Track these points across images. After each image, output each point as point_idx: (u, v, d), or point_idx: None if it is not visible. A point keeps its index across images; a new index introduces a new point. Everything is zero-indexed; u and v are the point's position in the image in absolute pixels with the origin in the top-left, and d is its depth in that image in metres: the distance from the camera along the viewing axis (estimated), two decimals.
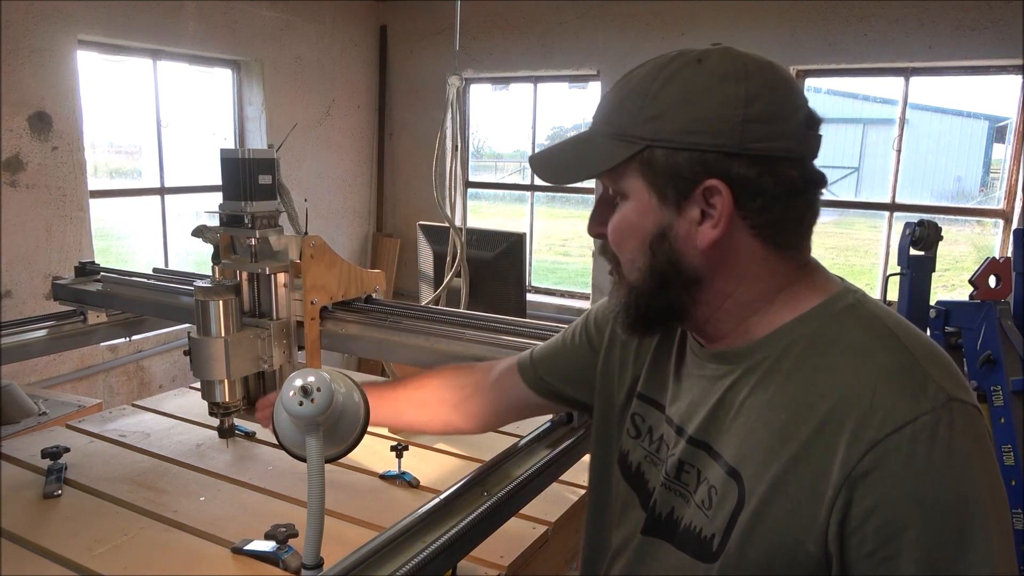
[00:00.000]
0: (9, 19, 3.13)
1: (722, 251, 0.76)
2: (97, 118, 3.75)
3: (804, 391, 0.72)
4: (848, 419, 0.68)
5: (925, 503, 0.64)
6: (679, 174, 0.74)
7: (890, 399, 0.67)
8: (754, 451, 0.74)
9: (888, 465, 0.65)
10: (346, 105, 4.98)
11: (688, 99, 0.74)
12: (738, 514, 0.74)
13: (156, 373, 3.94)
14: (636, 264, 0.79)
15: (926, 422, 0.65)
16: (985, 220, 4.02)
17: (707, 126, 0.73)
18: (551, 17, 4.52)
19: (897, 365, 0.69)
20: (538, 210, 5.38)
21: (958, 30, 3.51)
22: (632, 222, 0.79)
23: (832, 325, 0.75)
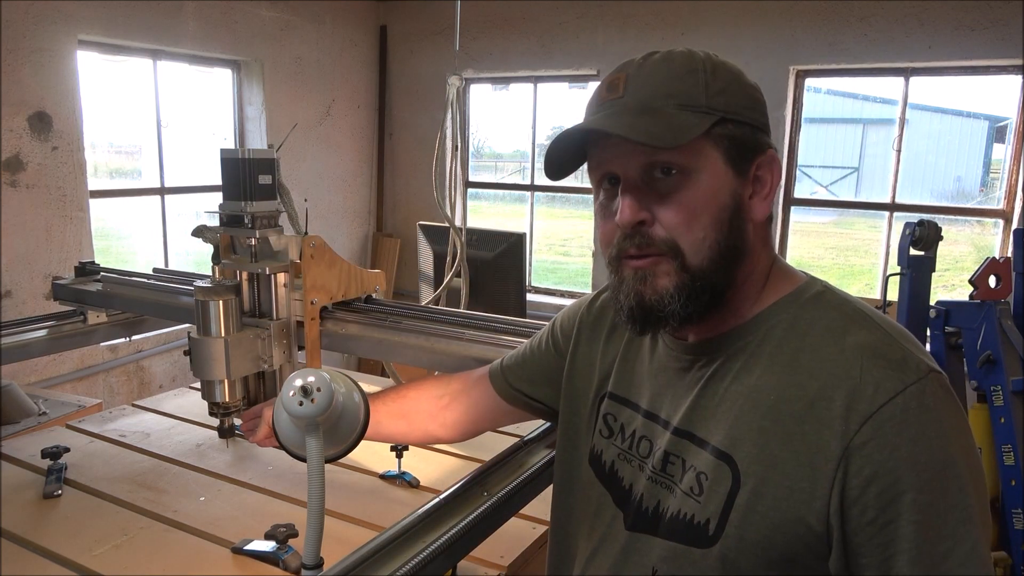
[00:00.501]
0: (9, 19, 3.13)
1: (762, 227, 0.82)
2: (97, 118, 3.75)
3: (790, 372, 0.75)
4: (839, 394, 0.71)
5: (919, 466, 0.67)
6: (746, 145, 0.78)
7: (878, 372, 0.70)
8: (745, 433, 0.75)
9: (884, 434, 0.68)
10: (346, 105, 4.98)
11: (737, 79, 0.80)
12: (735, 496, 0.74)
13: (156, 373, 3.94)
14: (707, 242, 0.77)
15: (913, 391, 0.69)
16: (985, 220, 4.02)
17: (754, 103, 0.80)
18: (551, 17, 4.51)
19: (877, 341, 0.73)
20: (538, 210, 5.37)
21: (958, 30, 3.51)
22: (707, 196, 0.77)
23: (808, 310, 0.79)
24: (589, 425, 0.95)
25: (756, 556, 0.73)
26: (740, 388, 0.78)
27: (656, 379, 0.88)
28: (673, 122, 0.76)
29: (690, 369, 0.83)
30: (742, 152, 0.78)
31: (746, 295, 0.81)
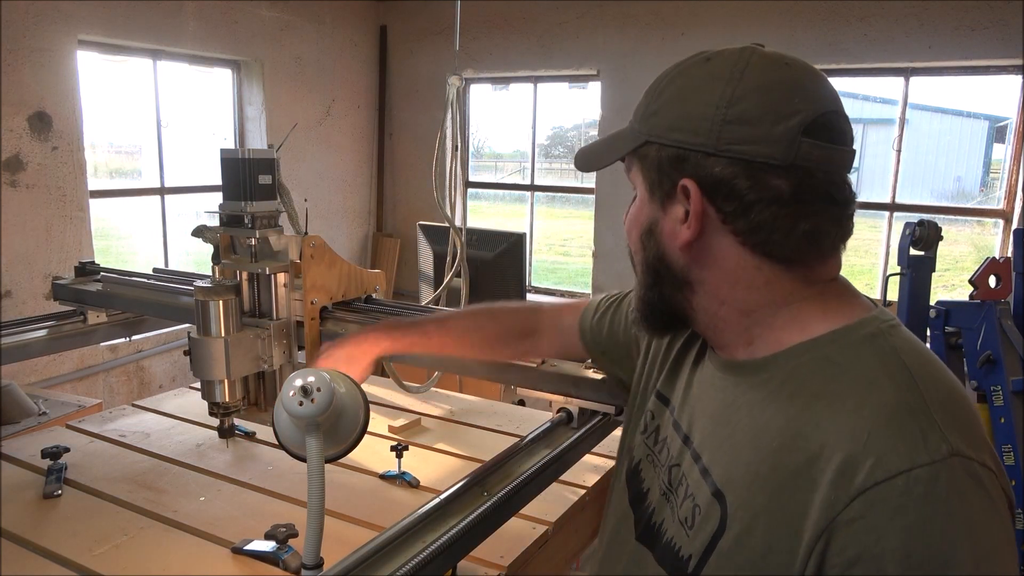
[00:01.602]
0: (9, 19, 3.13)
1: (703, 253, 0.75)
2: (97, 118, 3.75)
3: (801, 418, 0.67)
4: (837, 457, 0.62)
5: (911, 563, 0.58)
6: (664, 170, 0.74)
7: (886, 443, 0.61)
8: (742, 475, 0.70)
9: (876, 516, 0.60)
10: (346, 105, 4.98)
11: (680, 97, 0.75)
12: (718, 539, 0.70)
13: (156, 373, 3.94)
14: (636, 257, 0.81)
15: (921, 475, 0.59)
16: (985, 220, 4.02)
17: (690, 124, 0.72)
18: (551, 17, 4.51)
19: (901, 406, 0.63)
20: (538, 210, 5.37)
21: (958, 30, 3.51)
22: (634, 215, 0.81)
23: (845, 352, 0.69)
24: (637, 418, 0.95)
25: None
26: (751, 423, 0.72)
27: (691, 388, 0.86)
28: (614, 145, 0.81)
29: (720, 388, 0.79)
30: (660, 177, 0.75)
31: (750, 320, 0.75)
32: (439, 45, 4.94)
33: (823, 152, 0.70)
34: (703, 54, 0.76)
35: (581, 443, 1.15)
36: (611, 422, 1.20)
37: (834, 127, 0.71)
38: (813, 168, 0.70)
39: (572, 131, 6.69)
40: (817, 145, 0.70)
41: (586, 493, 1.46)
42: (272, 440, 1.39)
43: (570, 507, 1.40)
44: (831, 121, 0.71)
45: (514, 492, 0.97)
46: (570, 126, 6.67)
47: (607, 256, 4.49)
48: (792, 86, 0.71)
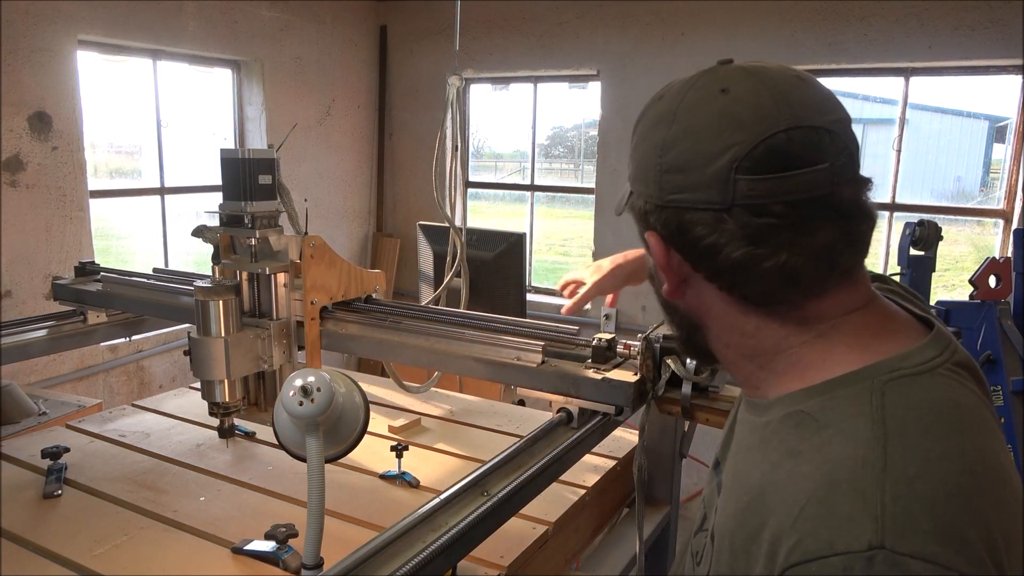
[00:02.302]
0: (9, 19, 3.13)
1: (695, 299, 0.72)
2: (97, 118, 3.75)
3: (768, 476, 0.64)
4: (774, 529, 0.59)
5: None
6: (639, 221, 0.72)
7: (812, 522, 0.57)
8: (724, 525, 0.68)
9: None
10: (346, 105, 4.98)
11: (636, 145, 0.71)
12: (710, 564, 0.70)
13: (156, 373, 3.94)
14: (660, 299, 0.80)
15: (836, 564, 0.54)
16: (985, 220, 4.02)
17: (642, 174, 0.69)
18: (551, 17, 4.51)
19: (846, 479, 0.57)
20: (538, 210, 5.37)
21: (958, 30, 3.51)
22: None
23: (826, 408, 0.64)
24: None
25: None
26: (742, 471, 0.70)
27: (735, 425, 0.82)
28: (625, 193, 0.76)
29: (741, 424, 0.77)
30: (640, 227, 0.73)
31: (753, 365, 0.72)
32: (439, 45, 4.94)
33: (770, 184, 0.62)
34: (661, 91, 0.71)
35: (581, 443, 1.15)
36: (611, 422, 1.21)
37: (783, 151, 0.62)
38: (762, 204, 0.63)
39: (572, 131, 6.69)
40: (757, 180, 0.63)
41: (586, 493, 1.46)
42: (272, 440, 1.39)
43: (570, 507, 1.41)
44: (778, 145, 0.62)
45: (514, 492, 0.97)
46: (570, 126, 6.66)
47: (607, 256, 4.49)
48: (724, 118, 0.65)
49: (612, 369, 1.21)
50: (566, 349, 1.28)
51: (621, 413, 1.17)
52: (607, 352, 1.24)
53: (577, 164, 6.84)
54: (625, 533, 1.59)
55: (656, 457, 1.64)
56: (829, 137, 0.64)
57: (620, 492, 1.65)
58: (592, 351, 1.24)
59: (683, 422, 1.57)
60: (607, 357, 1.23)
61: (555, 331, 1.31)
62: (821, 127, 0.64)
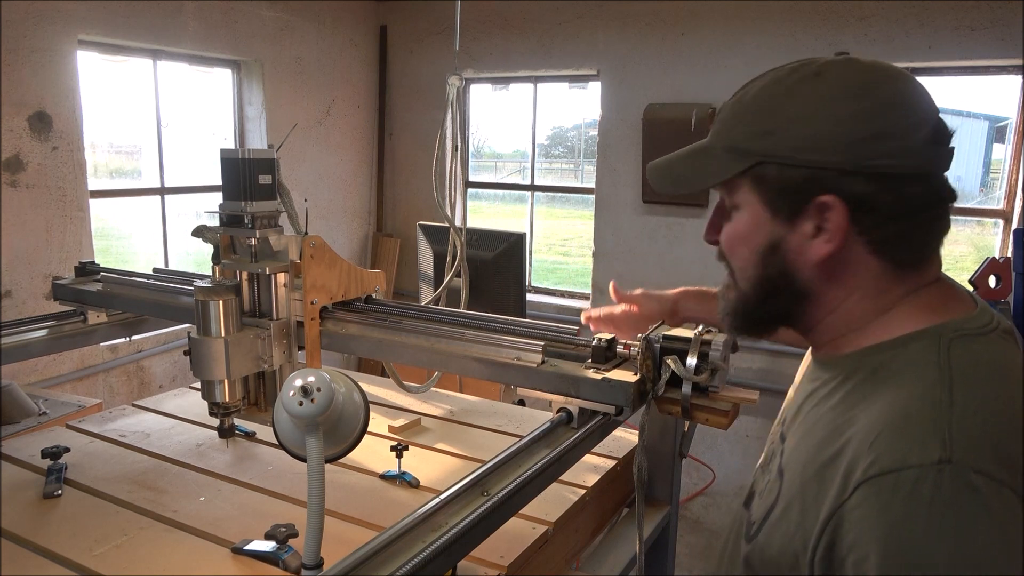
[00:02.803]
0: (9, 19, 3.13)
1: (835, 266, 0.78)
2: (97, 118, 3.75)
3: (844, 416, 0.74)
4: (852, 453, 0.68)
5: (888, 553, 0.63)
6: (792, 189, 0.76)
7: (888, 444, 0.66)
8: (797, 458, 0.78)
9: (868, 507, 0.65)
10: (346, 105, 4.98)
11: (803, 116, 0.75)
12: (771, 511, 0.79)
13: (156, 373, 3.94)
14: (747, 273, 0.83)
15: (909, 476, 0.63)
16: (985, 220, 4.02)
17: (822, 143, 0.74)
18: (551, 17, 4.51)
19: (917, 411, 0.67)
20: (538, 210, 5.38)
21: (958, 30, 3.51)
22: (744, 233, 0.82)
23: (900, 358, 0.74)
24: None
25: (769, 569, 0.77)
26: (814, 415, 0.80)
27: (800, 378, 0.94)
28: (707, 166, 0.82)
29: (808, 382, 0.86)
30: (783, 196, 0.77)
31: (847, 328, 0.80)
32: (439, 45, 4.94)
33: (943, 155, 0.76)
34: (805, 67, 0.78)
35: (581, 443, 1.15)
36: (611, 422, 1.21)
37: (946, 129, 0.77)
38: (936, 172, 0.76)
39: (572, 131, 6.69)
40: (939, 151, 0.75)
41: (586, 493, 1.46)
42: (272, 440, 1.40)
43: (570, 507, 1.41)
44: (943, 124, 0.76)
45: (514, 492, 0.97)
46: (570, 126, 6.67)
47: (607, 256, 4.49)
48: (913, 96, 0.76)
49: (612, 369, 1.21)
50: (566, 349, 1.28)
51: (621, 413, 1.17)
52: (607, 352, 1.24)
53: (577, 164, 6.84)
54: (625, 533, 1.59)
55: (656, 457, 1.64)
56: None
57: (620, 492, 1.65)
58: (592, 351, 1.24)
59: (683, 422, 1.57)
60: (607, 357, 1.23)
61: (555, 331, 1.31)
62: None
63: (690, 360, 1.14)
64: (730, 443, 4.24)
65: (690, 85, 4.09)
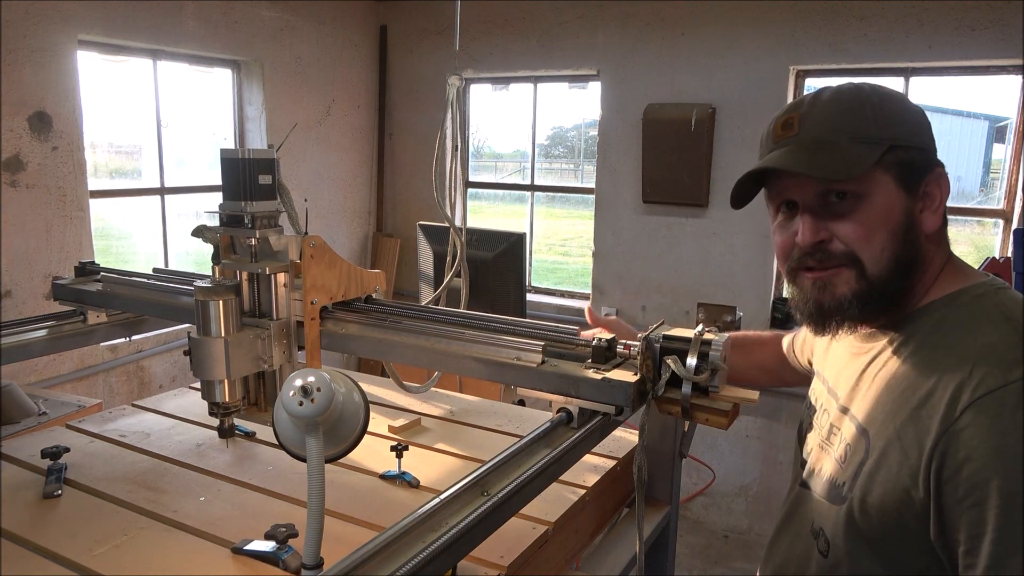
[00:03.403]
0: (9, 19, 3.13)
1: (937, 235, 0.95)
2: (97, 118, 3.75)
3: (923, 364, 0.87)
4: (950, 386, 0.81)
5: (1007, 456, 0.74)
6: (914, 168, 0.92)
7: (986, 368, 0.79)
8: (879, 413, 0.90)
9: (979, 423, 0.77)
10: (346, 105, 4.98)
11: (905, 109, 0.93)
12: (863, 465, 0.89)
13: (156, 373, 3.94)
14: (886, 254, 0.92)
15: (1013, 389, 0.76)
16: (985, 220, 4.02)
17: (920, 130, 0.93)
18: (551, 17, 4.51)
19: (1000, 342, 0.82)
20: (538, 210, 5.37)
21: (958, 30, 3.51)
22: (882, 215, 0.92)
23: (960, 309, 0.90)
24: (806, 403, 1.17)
25: (872, 516, 0.87)
26: (885, 374, 0.92)
27: (839, 360, 1.05)
28: (846, 155, 0.90)
29: (859, 355, 0.99)
30: (911, 174, 0.91)
31: (914, 292, 0.94)
32: (439, 45, 4.94)
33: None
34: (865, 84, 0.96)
35: (581, 443, 1.15)
36: (611, 422, 1.20)
37: None
38: None
39: (572, 131, 6.69)
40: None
41: (586, 493, 1.46)
42: (272, 440, 1.39)
43: (570, 507, 1.41)
44: None
45: (514, 492, 0.97)
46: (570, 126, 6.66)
47: (607, 256, 4.49)
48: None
49: (612, 369, 1.21)
50: (566, 349, 1.28)
51: (621, 413, 1.17)
52: (607, 352, 1.23)
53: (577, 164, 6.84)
54: (625, 533, 1.59)
55: (656, 457, 1.64)
56: None
57: (620, 492, 1.65)
58: (592, 351, 1.24)
59: (683, 422, 1.57)
60: (607, 357, 1.23)
61: (555, 331, 1.31)
62: None
63: (690, 360, 1.14)
64: (730, 443, 4.23)
65: (690, 85, 4.09)
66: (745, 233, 4.09)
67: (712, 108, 3.99)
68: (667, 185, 4.15)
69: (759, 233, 4.06)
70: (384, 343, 1.40)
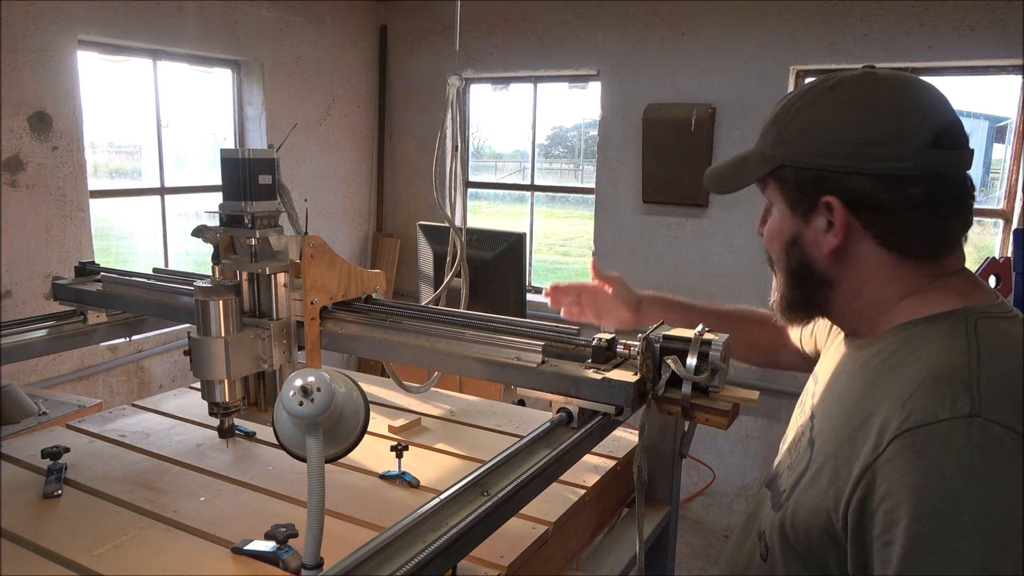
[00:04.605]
0: (9, 19, 3.13)
1: (847, 257, 0.88)
2: (97, 118, 3.75)
3: (873, 385, 0.83)
4: (885, 413, 0.76)
5: (920, 498, 0.69)
6: (805, 189, 0.88)
7: (920, 402, 0.74)
8: (827, 426, 0.88)
9: (902, 458, 0.72)
10: (346, 105, 4.98)
11: (814, 125, 0.87)
12: (803, 476, 0.88)
13: (156, 373, 3.94)
14: (779, 264, 0.96)
15: (943, 428, 0.71)
16: (985, 220, 4.02)
17: (828, 149, 0.85)
18: (551, 17, 4.51)
19: (948, 373, 0.75)
20: (538, 210, 5.37)
21: (958, 30, 3.51)
22: (775, 228, 0.95)
23: (928, 332, 0.83)
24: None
25: (799, 529, 0.85)
26: (842, 387, 0.91)
27: (824, 363, 1.05)
28: (744, 169, 0.95)
29: (838, 363, 0.98)
30: (800, 195, 0.89)
31: (876, 311, 0.90)
32: (439, 45, 4.94)
33: (950, 158, 0.82)
34: (825, 82, 0.89)
35: (581, 443, 1.15)
36: (611, 422, 1.20)
37: (955, 133, 0.83)
38: (942, 174, 0.82)
39: (572, 131, 6.69)
40: (944, 153, 0.82)
41: (586, 493, 1.46)
42: (272, 440, 1.40)
43: (570, 507, 1.40)
44: (952, 129, 0.82)
45: (514, 492, 0.97)
46: (570, 126, 6.66)
47: (607, 256, 4.49)
48: (915, 105, 0.84)
49: (612, 369, 1.21)
50: (566, 349, 1.28)
51: (621, 413, 1.17)
52: (607, 352, 1.23)
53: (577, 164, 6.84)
54: (625, 533, 1.59)
55: (656, 457, 1.64)
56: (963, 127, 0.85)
57: (620, 492, 1.65)
58: (592, 351, 1.24)
59: (683, 422, 1.57)
60: (607, 357, 1.23)
61: (555, 331, 1.31)
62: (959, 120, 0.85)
63: (690, 360, 1.14)
64: (730, 443, 4.23)
65: (690, 85, 4.09)
66: (745, 233, 4.09)
67: (712, 108, 3.99)
68: (667, 185, 4.15)
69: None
70: (384, 343, 1.40)
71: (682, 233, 4.25)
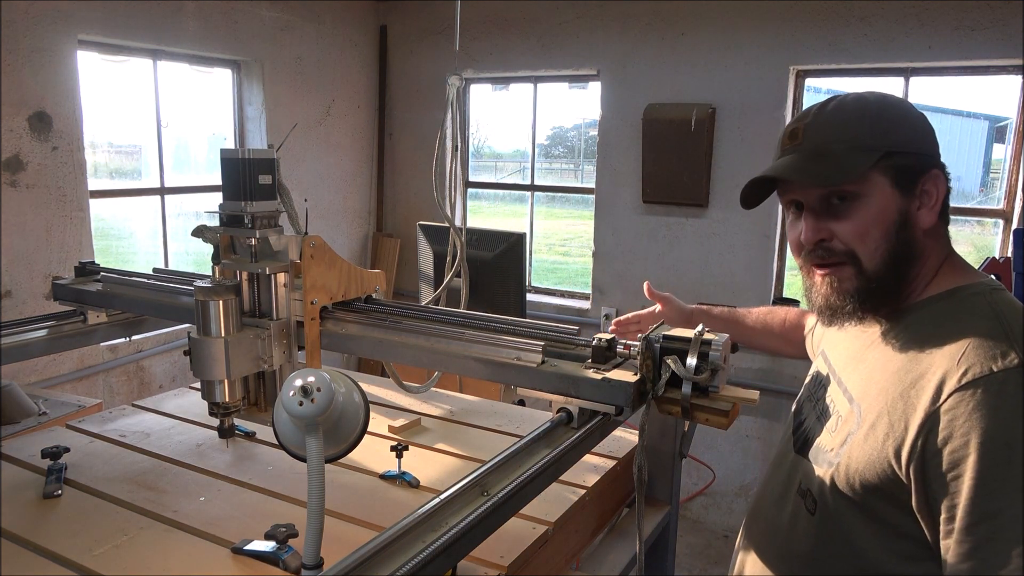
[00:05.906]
0: (9, 19, 3.13)
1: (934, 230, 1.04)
2: (97, 118, 3.74)
3: (916, 351, 0.97)
4: (940, 371, 0.91)
5: (984, 438, 0.84)
6: (910, 170, 1.01)
7: (974, 357, 0.89)
8: (872, 389, 1.00)
9: (963, 406, 0.86)
10: (346, 105, 4.98)
11: (904, 116, 1.04)
12: (853, 434, 1.00)
13: (156, 373, 3.94)
14: (879, 251, 1.02)
15: (998, 377, 0.86)
16: (985, 220, 4.02)
17: (918, 135, 1.03)
18: (551, 17, 4.51)
19: (987, 333, 0.91)
20: (538, 210, 5.37)
21: (958, 30, 3.51)
22: (876, 215, 1.01)
23: (954, 305, 1.00)
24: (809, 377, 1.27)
25: (855, 479, 0.98)
26: (880, 357, 1.03)
27: (843, 343, 1.16)
28: (842, 162, 1.00)
29: (861, 340, 1.10)
30: (907, 176, 1.01)
31: (914, 287, 1.04)
32: (439, 45, 4.94)
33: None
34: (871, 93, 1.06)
35: (581, 443, 1.15)
36: (611, 422, 1.21)
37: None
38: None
39: (572, 131, 6.69)
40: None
41: (586, 493, 1.47)
42: (272, 440, 1.40)
43: (570, 507, 1.41)
44: None
45: (514, 492, 0.97)
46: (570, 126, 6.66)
47: (607, 256, 4.49)
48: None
49: (612, 369, 1.21)
50: (566, 349, 1.28)
51: (621, 413, 1.17)
52: (607, 352, 1.23)
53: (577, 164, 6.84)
54: (625, 533, 1.59)
55: (656, 457, 1.64)
56: None
57: (620, 492, 1.65)
58: (592, 351, 1.24)
59: (683, 422, 1.57)
60: (607, 357, 1.23)
61: (555, 331, 1.31)
62: None
63: (690, 360, 1.14)
64: (730, 443, 4.23)
65: (690, 85, 4.09)
66: (745, 233, 4.09)
67: (712, 108, 3.99)
68: (667, 185, 4.15)
69: (759, 233, 4.06)
70: (384, 343, 1.41)
71: (682, 233, 4.25)
